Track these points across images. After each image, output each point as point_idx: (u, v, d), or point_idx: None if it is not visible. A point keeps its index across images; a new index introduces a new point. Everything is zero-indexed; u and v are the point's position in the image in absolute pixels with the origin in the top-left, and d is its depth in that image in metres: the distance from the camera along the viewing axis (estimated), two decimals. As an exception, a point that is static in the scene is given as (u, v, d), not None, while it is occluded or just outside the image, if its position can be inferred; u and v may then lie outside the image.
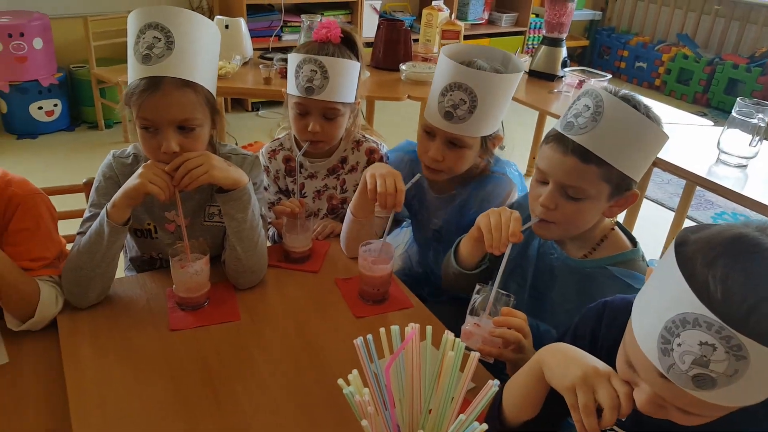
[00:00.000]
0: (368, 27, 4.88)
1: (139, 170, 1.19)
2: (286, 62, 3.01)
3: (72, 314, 1.24)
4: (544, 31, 3.22)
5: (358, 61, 1.53)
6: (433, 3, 3.51)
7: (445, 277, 1.39)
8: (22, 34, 3.82)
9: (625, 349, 0.76)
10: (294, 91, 1.51)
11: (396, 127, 4.12)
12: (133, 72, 1.22)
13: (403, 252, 1.75)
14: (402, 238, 1.76)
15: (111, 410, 1.02)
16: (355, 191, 1.62)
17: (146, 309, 1.28)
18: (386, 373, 0.82)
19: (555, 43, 3.18)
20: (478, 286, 1.15)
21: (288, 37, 4.54)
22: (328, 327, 1.27)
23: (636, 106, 1.08)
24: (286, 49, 3.77)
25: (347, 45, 1.53)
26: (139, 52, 1.19)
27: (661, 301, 0.67)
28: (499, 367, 1.12)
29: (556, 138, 1.14)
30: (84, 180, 1.66)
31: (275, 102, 4.73)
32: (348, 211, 1.46)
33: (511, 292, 1.15)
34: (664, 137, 1.11)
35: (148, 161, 1.23)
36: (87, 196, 1.65)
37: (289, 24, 4.59)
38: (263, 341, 1.22)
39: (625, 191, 1.14)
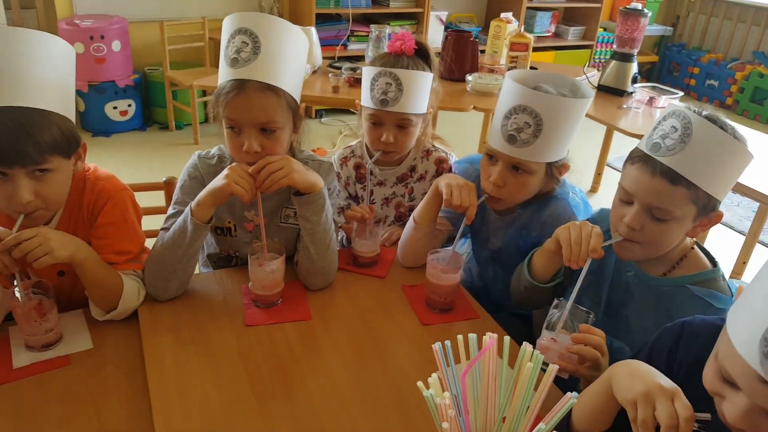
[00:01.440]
0: (433, 37, 4.92)
1: (225, 171, 1.25)
2: (354, 71, 3.09)
3: (152, 306, 1.30)
4: (614, 46, 3.18)
5: (431, 71, 1.56)
6: (502, 15, 3.51)
7: (515, 290, 1.39)
8: (102, 37, 4.02)
9: (719, 362, 0.75)
10: (368, 103, 1.54)
11: (459, 138, 4.13)
12: (223, 74, 1.28)
13: (465, 264, 1.75)
14: (465, 250, 1.76)
15: (190, 400, 1.07)
16: (422, 200, 1.65)
17: (223, 304, 1.33)
18: (462, 380, 0.83)
19: (626, 58, 3.13)
20: (555, 301, 1.15)
21: (354, 46, 4.62)
22: (395, 331, 1.29)
23: (723, 126, 1.07)
24: (352, 58, 3.84)
25: (420, 56, 1.56)
26: (228, 56, 1.25)
27: (764, 305, 0.67)
28: (566, 383, 1.12)
29: (642, 159, 1.12)
30: (165, 178, 1.74)
31: (338, 110, 4.81)
32: (411, 218, 1.48)
33: (585, 308, 1.14)
34: (749, 157, 1.09)
35: (233, 163, 1.28)
36: (167, 194, 1.73)
37: (355, 33, 4.67)
38: (333, 341, 1.25)
39: (710, 212, 1.12)
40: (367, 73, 1.54)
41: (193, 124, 4.24)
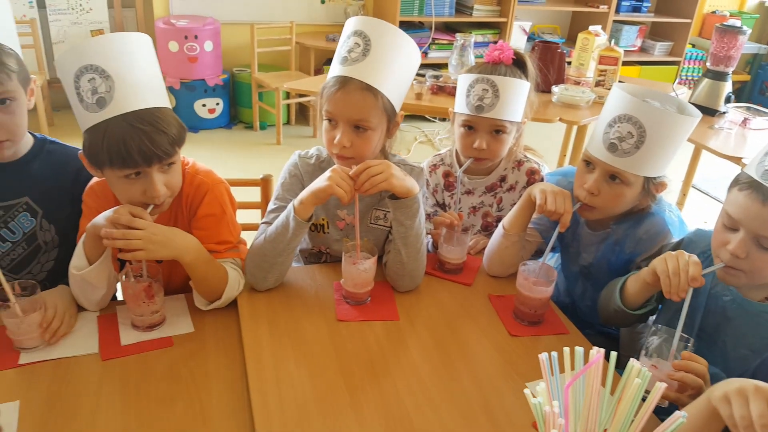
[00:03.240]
0: (516, 47, 4.88)
1: (327, 173, 1.29)
2: (438, 79, 3.11)
3: (250, 296, 1.36)
4: (708, 63, 3.07)
5: (528, 82, 1.56)
6: (590, 28, 3.46)
7: (603, 308, 1.37)
8: (196, 37, 4.21)
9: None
10: (463, 110, 1.56)
11: (539, 149, 4.09)
12: (332, 70, 1.35)
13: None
14: (552, 264, 1.74)
15: (285, 387, 1.11)
16: (513, 208, 1.64)
17: (315, 298, 1.38)
18: (566, 391, 0.83)
19: (720, 76, 3.02)
20: (654, 328, 1.13)
21: (435, 54, 4.65)
22: (481, 339, 1.29)
23: None
24: (432, 66, 3.87)
25: (518, 66, 1.56)
26: (340, 54, 1.33)
27: None
28: (664, 412, 1.09)
29: (752, 186, 1.07)
30: (261, 175, 1.81)
31: (414, 116, 4.85)
32: (500, 225, 1.48)
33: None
34: None
35: (335, 165, 1.33)
36: (263, 191, 1.80)
37: (437, 41, 4.70)
38: (420, 342, 1.27)
39: None
40: (464, 80, 1.56)
41: (277, 125, 4.37)
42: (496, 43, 5.06)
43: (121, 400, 1.09)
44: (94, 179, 1.36)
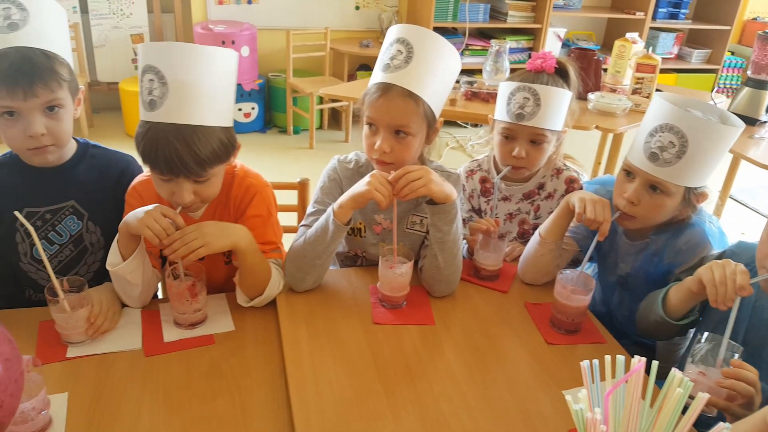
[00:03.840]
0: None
1: (367, 178, 1.31)
2: (472, 85, 3.12)
3: (289, 297, 1.39)
4: (749, 72, 3.02)
5: (570, 91, 1.56)
6: (627, 35, 3.43)
7: (642, 319, 1.36)
8: (233, 42, 4.28)
9: None
10: (504, 117, 1.56)
11: (575, 157, 4.07)
12: (374, 77, 1.38)
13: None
14: (590, 273, 1.74)
15: (323, 386, 1.13)
16: (550, 215, 1.64)
17: (352, 300, 1.40)
18: (606, 399, 0.83)
19: (761, 85, 2.96)
20: (705, 335, 1.12)
21: (468, 60, 4.65)
22: (517, 346, 1.30)
23: None
24: (465, 72, 3.87)
25: (560, 75, 1.56)
26: (383, 61, 1.35)
27: None
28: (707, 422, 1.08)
29: None
30: (298, 179, 1.84)
31: (447, 122, 4.85)
32: (537, 233, 1.48)
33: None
34: None
35: (374, 171, 1.35)
36: (300, 194, 1.83)
37: (470, 47, 4.70)
38: (456, 347, 1.27)
39: None
40: (505, 87, 1.57)
41: (310, 130, 4.42)
42: (530, 49, 5.06)
43: (164, 395, 1.12)
44: (138, 179, 1.40)
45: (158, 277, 1.38)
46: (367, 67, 4.96)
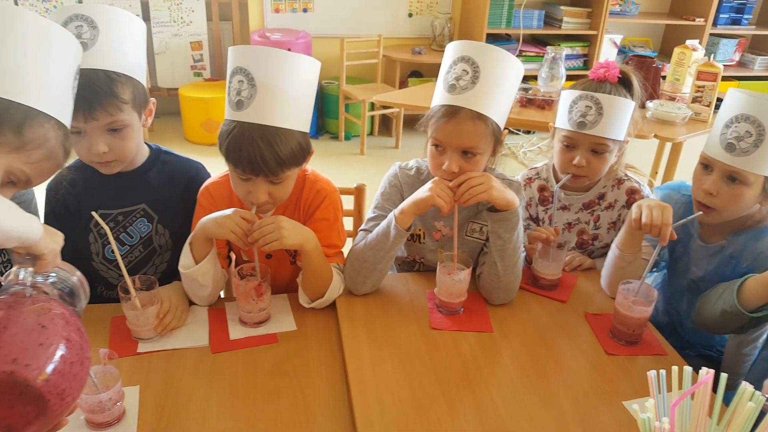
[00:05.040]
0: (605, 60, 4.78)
1: (429, 184, 1.33)
2: (527, 92, 3.10)
3: (348, 300, 1.42)
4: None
5: (633, 101, 1.54)
6: (687, 42, 3.35)
7: (705, 311, 1.33)
8: (289, 49, 4.34)
9: None
10: (565, 125, 1.56)
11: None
12: (438, 97, 1.37)
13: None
14: (652, 282, 1.71)
15: (383, 388, 1.15)
16: (608, 229, 1.62)
17: (409, 305, 1.42)
18: (672, 410, 0.83)
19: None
20: None
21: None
22: (576, 355, 1.29)
23: None
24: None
25: (623, 85, 1.55)
26: (447, 81, 1.34)
27: None
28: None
29: None
30: (355, 185, 1.87)
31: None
32: (613, 245, 1.46)
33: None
34: None
35: (436, 178, 1.36)
36: (355, 200, 1.86)
37: (523, 53, 4.67)
38: (515, 355, 1.28)
39: None
40: (567, 96, 1.56)
41: (361, 136, 4.47)
42: (585, 56, 4.98)
43: (230, 391, 1.16)
44: (210, 180, 1.46)
45: (225, 278, 1.43)
46: (418, 73, 4.98)
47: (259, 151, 1.21)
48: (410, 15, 4.83)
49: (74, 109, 1.07)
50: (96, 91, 1.24)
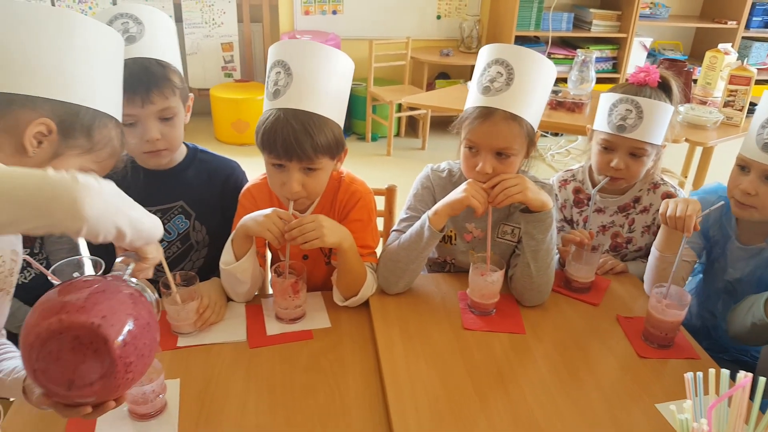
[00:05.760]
0: (635, 63, 4.75)
1: (463, 186, 1.35)
2: (557, 94, 3.10)
3: (381, 299, 1.44)
4: None
5: (673, 105, 1.54)
6: (719, 46, 3.33)
7: (736, 323, 1.33)
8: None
9: None
10: (604, 128, 1.56)
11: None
12: (472, 99, 1.39)
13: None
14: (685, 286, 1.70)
15: (418, 387, 1.17)
16: (642, 232, 1.62)
17: (441, 305, 1.44)
18: (708, 413, 0.84)
19: None
20: None
21: (549, 70, 4.60)
22: (608, 358, 1.30)
23: None
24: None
25: (663, 89, 1.55)
26: (481, 83, 1.36)
27: None
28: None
29: None
30: (385, 185, 1.89)
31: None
32: (653, 249, 1.46)
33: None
34: None
35: (470, 180, 1.38)
36: (386, 200, 1.89)
37: (552, 56, 4.65)
38: (548, 356, 1.29)
39: None
40: (607, 98, 1.57)
41: (388, 137, 4.49)
42: (614, 59, 4.95)
43: (267, 385, 1.19)
44: (251, 182, 1.49)
45: (263, 275, 1.47)
46: (445, 75, 4.99)
47: (293, 132, 1.25)
48: (438, 17, 4.85)
49: (131, 95, 1.12)
50: (153, 74, 1.33)
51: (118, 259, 0.99)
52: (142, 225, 0.91)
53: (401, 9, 4.74)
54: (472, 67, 1.55)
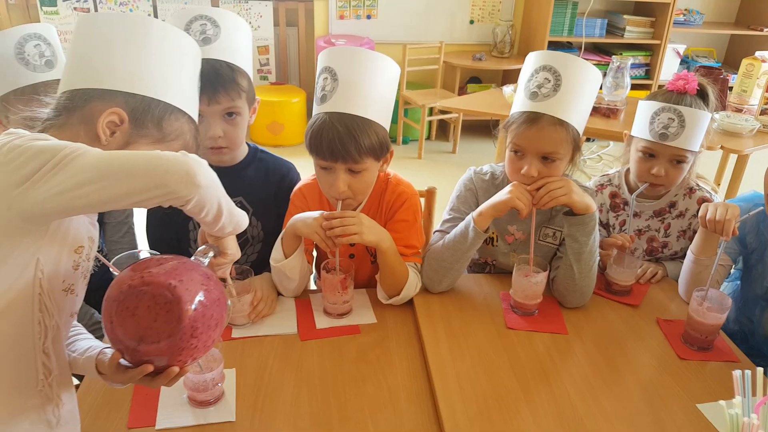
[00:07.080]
0: (668, 70, 4.74)
1: (508, 188, 1.40)
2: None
3: (425, 297, 1.49)
4: None
5: (709, 112, 1.57)
6: (756, 53, 3.31)
7: None
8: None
9: None
10: (645, 135, 1.59)
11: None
12: (519, 104, 1.43)
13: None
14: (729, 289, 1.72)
15: (464, 382, 1.22)
16: (678, 237, 1.65)
17: (484, 305, 1.48)
18: (756, 410, 0.87)
19: None
20: None
21: (582, 76, 4.61)
22: (649, 359, 1.33)
23: None
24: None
25: (700, 97, 1.58)
26: (528, 89, 1.40)
27: None
28: None
29: None
30: (426, 187, 1.94)
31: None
32: (689, 253, 1.49)
33: None
34: None
35: (515, 182, 1.42)
36: (426, 201, 1.93)
37: (584, 62, 4.66)
38: (590, 356, 1.32)
39: None
40: (647, 106, 1.59)
41: (420, 141, 4.54)
42: (647, 65, 4.92)
43: (319, 376, 1.25)
44: (302, 182, 1.55)
45: (311, 272, 1.52)
46: (477, 79, 5.02)
47: (337, 135, 1.31)
48: (471, 22, 4.89)
49: (199, 93, 1.19)
50: (221, 76, 1.39)
51: (200, 248, 1.06)
52: (235, 209, 1.00)
53: (435, 14, 4.79)
54: (505, 71, 1.58)
